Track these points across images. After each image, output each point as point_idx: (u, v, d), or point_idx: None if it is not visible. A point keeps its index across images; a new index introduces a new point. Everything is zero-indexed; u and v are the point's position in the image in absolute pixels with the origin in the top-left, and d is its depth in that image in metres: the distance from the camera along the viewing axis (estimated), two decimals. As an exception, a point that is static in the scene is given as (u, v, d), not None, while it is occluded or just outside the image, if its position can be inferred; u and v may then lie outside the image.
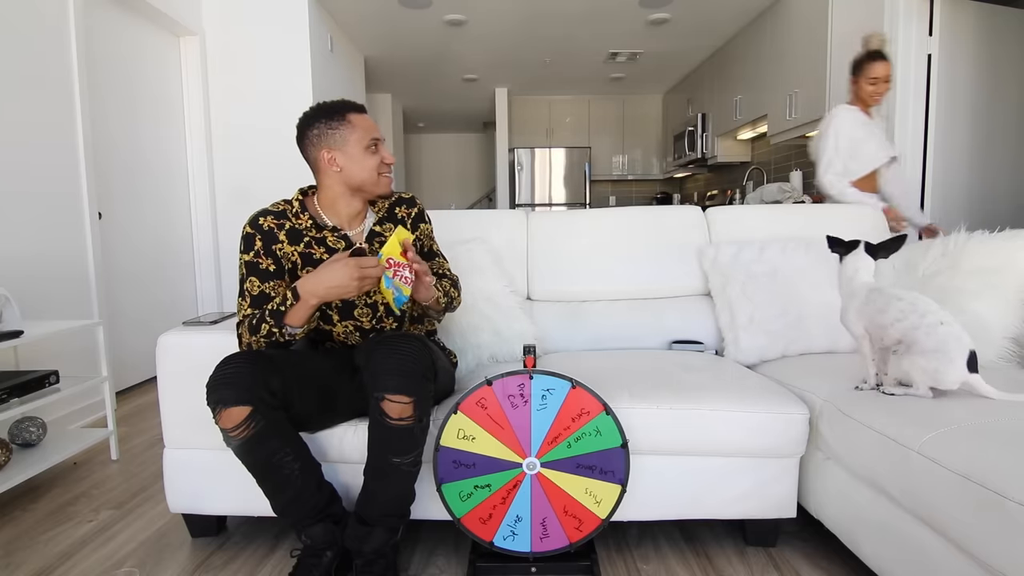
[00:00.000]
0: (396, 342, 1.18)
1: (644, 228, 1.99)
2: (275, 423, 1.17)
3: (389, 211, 1.41)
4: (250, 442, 1.14)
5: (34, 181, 2.27)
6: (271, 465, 1.18)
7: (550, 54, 5.29)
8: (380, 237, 1.37)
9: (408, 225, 1.41)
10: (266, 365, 1.16)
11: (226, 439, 1.15)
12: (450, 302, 1.44)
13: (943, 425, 1.06)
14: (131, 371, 2.97)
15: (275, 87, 3.66)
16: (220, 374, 1.14)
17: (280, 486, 1.20)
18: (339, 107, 1.29)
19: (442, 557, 1.42)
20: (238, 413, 1.12)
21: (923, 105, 3.00)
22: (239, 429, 1.12)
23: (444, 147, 9.12)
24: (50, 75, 2.36)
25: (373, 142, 1.29)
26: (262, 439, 1.15)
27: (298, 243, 1.30)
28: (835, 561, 1.37)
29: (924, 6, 2.95)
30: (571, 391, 1.24)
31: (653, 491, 1.38)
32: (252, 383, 1.12)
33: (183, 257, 3.49)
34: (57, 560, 1.44)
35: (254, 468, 1.18)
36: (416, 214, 1.43)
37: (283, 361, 1.21)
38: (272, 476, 1.19)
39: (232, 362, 1.15)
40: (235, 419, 1.12)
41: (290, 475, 1.19)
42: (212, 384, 1.13)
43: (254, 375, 1.13)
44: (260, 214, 1.30)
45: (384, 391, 1.14)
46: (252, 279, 1.28)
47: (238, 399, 1.11)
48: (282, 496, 1.21)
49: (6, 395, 1.67)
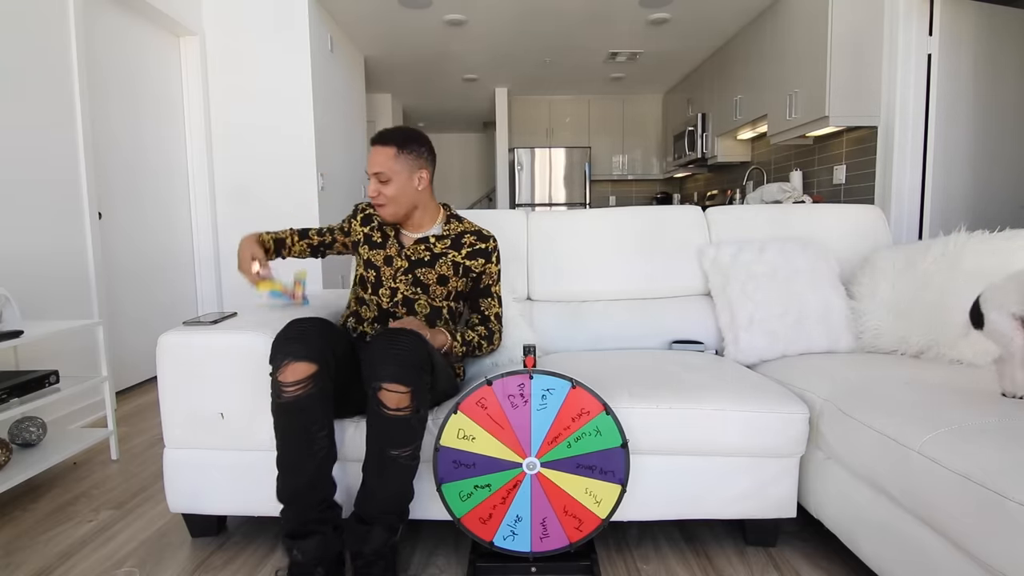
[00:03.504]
0: (394, 335, 1.21)
1: (644, 228, 1.99)
2: (327, 393, 1.21)
3: (458, 235, 1.57)
4: (301, 402, 1.17)
5: (34, 181, 2.27)
6: (306, 435, 1.19)
7: (550, 54, 5.29)
8: (428, 244, 1.55)
9: (465, 250, 1.55)
10: (332, 333, 1.24)
11: (276, 395, 1.18)
12: (471, 351, 1.55)
13: (943, 425, 1.06)
14: (131, 371, 2.97)
15: (275, 87, 3.66)
16: (292, 331, 1.19)
17: (301, 464, 1.20)
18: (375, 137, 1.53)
19: (442, 557, 1.42)
20: (304, 368, 1.16)
21: (923, 105, 3.00)
22: (298, 386, 1.16)
23: (444, 147, 9.11)
24: (50, 75, 2.36)
25: (368, 174, 1.50)
26: (313, 403, 1.18)
27: (367, 225, 1.61)
28: (835, 561, 1.37)
29: (924, 6, 2.95)
30: (571, 391, 1.24)
31: (653, 491, 1.38)
32: (323, 345, 1.19)
33: (183, 257, 3.49)
34: (57, 560, 1.44)
35: (288, 433, 1.20)
36: (480, 250, 1.56)
37: (338, 337, 1.28)
38: (301, 448, 1.20)
39: (303, 323, 1.22)
40: (299, 374, 1.16)
41: (317, 452, 1.21)
42: (281, 339, 1.19)
43: (324, 337, 1.20)
44: (367, 203, 1.64)
45: (381, 380, 1.16)
46: (333, 226, 1.68)
47: (308, 355, 1.16)
48: (298, 478, 1.21)
49: (6, 395, 1.67)
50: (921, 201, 3.05)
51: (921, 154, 3.03)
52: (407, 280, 1.52)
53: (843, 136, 3.57)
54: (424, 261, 1.53)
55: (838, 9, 3.24)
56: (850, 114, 3.24)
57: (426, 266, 1.53)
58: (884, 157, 3.14)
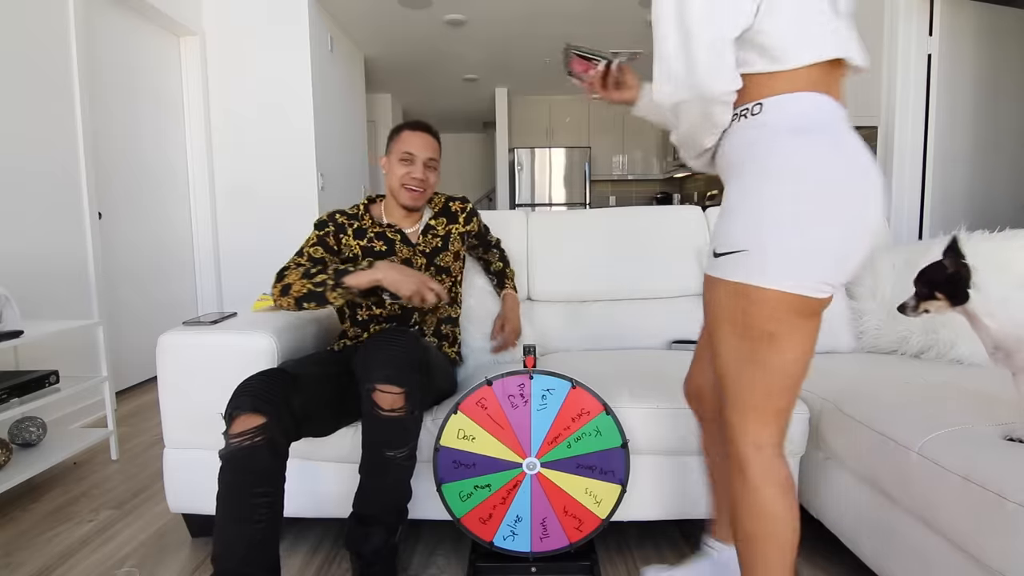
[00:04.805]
0: (387, 335, 1.21)
1: (644, 228, 1.99)
2: (279, 451, 1.11)
3: (444, 207, 1.64)
4: (246, 452, 1.06)
5: (34, 181, 2.27)
6: (245, 495, 1.06)
7: (550, 54, 5.29)
8: (434, 230, 1.58)
9: (461, 219, 1.64)
10: (288, 384, 1.16)
11: (225, 445, 1.08)
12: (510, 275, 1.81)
13: (943, 426, 1.06)
14: (131, 371, 2.97)
15: (275, 87, 3.66)
16: (243, 385, 1.13)
17: (237, 531, 1.06)
18: (402, 125, 1.55)
19: (442, 557, 1.41)
20: (251, 420, 1.08)
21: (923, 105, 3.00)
22: (244, 436, 1.07)
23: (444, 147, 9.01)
24: (50, 75, 2.36)
25: (406, 155, 1.49)
26: (257, 455, 1.07)
27: (362, 238, 1.53)
28: (835, 561, 1.37)
29: (924, 6, 2.95)
30: (571, 391, 1.24)
31: (653, 491, 1.38)
32: (273, 397, 1.11)
33: (183, 257, 3.49)
34: (57, 560, 1.44)
35: (228, 492, 1.07)
36: (470, 209, 1.67)
37: (306, 379, 1.21)
38: (240, 509, 1.06)
39: (255, 377, 1.16)
40: (245, 424, 1.07)
41: (256, 519, 1.06)
42: (233, 395, 1.12)
43: (275, 390, 1.13)
44: (337, 212, 1.55)
45: (375, 381, 1.15)
46: (318, 247, 1.50)
47: (254, 407, 1.09)
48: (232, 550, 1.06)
49: (6, 395, 1.67)
50: (921, 201, 3.05)
51: (921, 154, 3.03)
52: (432, 273, 1.55)
53: (843, 136, 3.57)
54: (438, 248, 1.57)
55: (838, 9, 3.24)
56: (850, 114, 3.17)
57: (442, 251, 1.57)
58: (884, 157, 3.13)
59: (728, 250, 0.85)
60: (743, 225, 0.84)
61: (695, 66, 0.82)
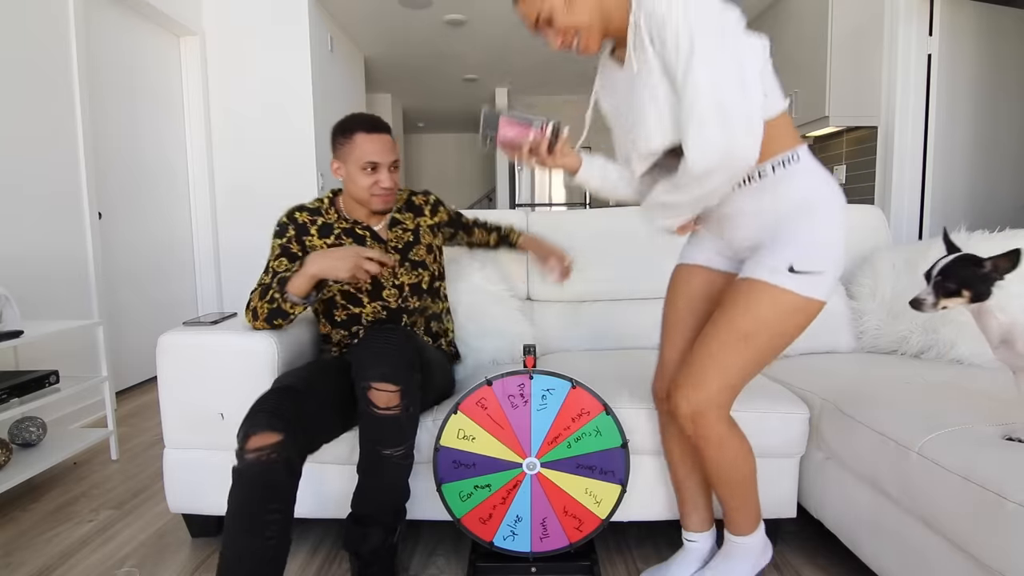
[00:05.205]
0: (382, 333, 1.20)
1: (644, 227, 1.99)
2: (293, 470, 1.10)
3: (407, 200, 1.57)
4: (261, 468, 1.05)
5: (34, 181, 2.27)
6: (258, 511, 1.05)
7: (550, 54, 5.29)
8: (402, 224, 1.52)
9: (427, 211, 1.59)
10: (300, 402, 1.14)
11: (240, 460, 1.06)
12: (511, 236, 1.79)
13: (943, 426, 1.06)
14: (131, 371, 2.97)
15: (275, 87, 3.66)
16: (259, 403, 1.11)
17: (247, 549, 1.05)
18: (352, 124, 1.41)
19: (442, 557, 1.41)
20: (267, 437, 1.05)
21: (923, 105, 3.00)
22: (260, 452, 1.04)
23: (444, 147, 9.11)
24: (50, 75, 2.36)
25: (369, 165, 1.39)
26: (272, 472, 1.05)
27: (328, 236, 1.44)
28: (835, 561, 1.37)
29: (924, 6, 2.95)
30: (571, 391, 1.24)
31: (653, 491, 1.38)
32: (288, 414, 1.09)
33: (183, 257, 3.49)
34: (57, 560, 1.44)
35: (238, 510, 1.06)
36: (434, 200, 1.62)
37: (316, 394, 1.19)
38: (251, 528, 1.05)
39: (270, 395, 1.14)
40: (262, 442, 1.05)
41: (268, 537, 1.06)
42: (249, 412, 1.10)
43: (289, 408, 1.11)
44: (296, 209, 1.46)
45: (370, 379, 1.14)
46: (282, 259, 1.42)
47: (270, 425, 1.06)
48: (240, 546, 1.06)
49: (6, 395, 1.67)
50: (921, 201, 3.05)
51: (921, 154, 3.03)
52: (407, 269, 1.49)
53: (843, 136, 3.57)
54: (411, 243, 1.52)
55: (838, 9, 3.24)
56: (850, 114, 3.23)
57: (414, 245, 1.52)
58: (884, 157, 3.14)
59: (808, 270, 0.99)
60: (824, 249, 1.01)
61: (734, 138, 0.91)
